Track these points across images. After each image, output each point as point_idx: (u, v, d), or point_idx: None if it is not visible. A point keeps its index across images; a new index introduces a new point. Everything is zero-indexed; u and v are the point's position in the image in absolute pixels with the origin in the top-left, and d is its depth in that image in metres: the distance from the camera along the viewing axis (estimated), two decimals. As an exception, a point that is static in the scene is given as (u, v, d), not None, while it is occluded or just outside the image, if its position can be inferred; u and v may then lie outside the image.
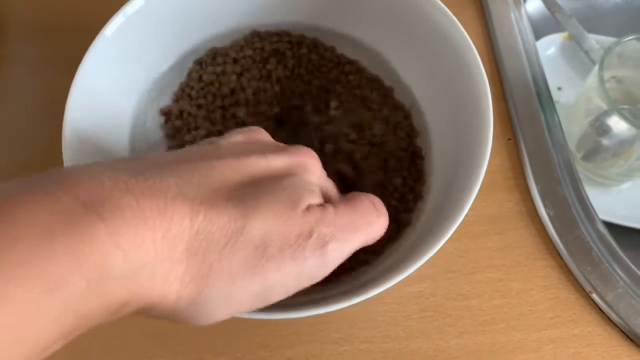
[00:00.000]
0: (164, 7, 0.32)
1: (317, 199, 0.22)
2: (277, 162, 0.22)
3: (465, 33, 0.31)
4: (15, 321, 0.15)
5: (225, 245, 0.19)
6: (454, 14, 0.32)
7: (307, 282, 0.21)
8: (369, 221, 0.23)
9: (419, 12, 0.33)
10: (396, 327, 0.34)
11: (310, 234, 0.20)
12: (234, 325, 0.35)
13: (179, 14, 0.33)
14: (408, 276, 0.36)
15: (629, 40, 0.43)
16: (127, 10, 0.30)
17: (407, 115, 0.35)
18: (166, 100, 0.35)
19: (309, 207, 0.21)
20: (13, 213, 0.15)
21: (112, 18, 0.30)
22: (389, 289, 0.35)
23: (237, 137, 0.24)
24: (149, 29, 0.32)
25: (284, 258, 0.20)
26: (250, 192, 0.20)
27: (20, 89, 0.43)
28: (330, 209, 0.22)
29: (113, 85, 0.31)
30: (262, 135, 0.25)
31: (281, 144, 0.25)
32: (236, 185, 0.20)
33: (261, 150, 0.22)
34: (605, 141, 0.45)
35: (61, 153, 0.29)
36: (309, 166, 0.23)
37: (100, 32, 0.30)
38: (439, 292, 0.35)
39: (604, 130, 0.45)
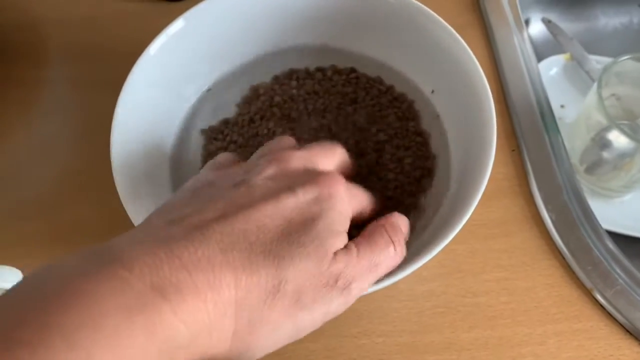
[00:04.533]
0: (203, 29, 0.36)
1: (342, 241, 0.25)
2: (307, 196, 0.25)
3: (472, 54, 0.35)
4: None
5: (264, 302, 0.22)
6: (462, 37, 0.36)
7: (331, 317, 0.24)
8: (386, 256, 0.26)
9: (433, 37, 0.37)
10: (410, 322, 0.37)
11: (336, 281, 0.24)
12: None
13: (217, 36, 0.37)
14: (420, 275, 0.39)
15: (624, 60, 0.46)
16: (169, 31, 0.34)
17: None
18: (208, 119, 0.39)
19: (335, 254, 0.24)
20: (96, 294, 0.19)
21: (156, 38, 0.34)
22: (403, 288, 0.38)
23: (267, 170, 0.26)
24: (189, 49, 0.36)
25: (314, 304, 0.23)
26: (286, 247, 0.23)
27: (62, 108, 0.47)
28: (353, 252, 0.25)
29: (155, 101, 0.35)
30: (290, 162, 0.26)
31: (310, 167, 0.26)
32: (272, 234, 0.23)
33: (291, 184, 0.25)
34: (606, 155, 0.48)
35: (103, 164, 0.33)
36: (335, 194, 0.25)
37: (145, 50, 0.34)
38: (450, 290, 0.38)
39: (605, 145, 0.48)
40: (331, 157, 0.28)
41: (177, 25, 0.35)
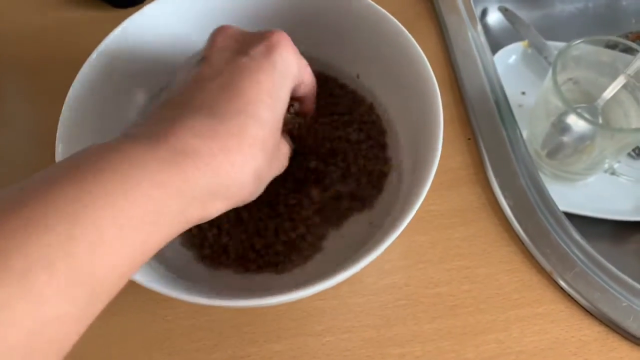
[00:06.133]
0: (146, 33, 0.36)
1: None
2: (259, 51, 0.28)
3: (416, 43, 0.35)
4: (156, 217, 0.22)
5: (261, 155, 0.26)
6: (412, 30, 0.36)
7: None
8: None
9: (381, 32, 0.37)
10: (374, 316, 0.37)
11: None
12: (224, 325, 0.37)
13: (160, 38, 0.37)
14: (383, 269, 0.39)
15: (577, 44, 0.47)
16: (108, 40, 0.34)
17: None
18: None
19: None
20: (138, 156, 0.23)
21: (98, 46, 0.34)
22: (366, 282, 0.38)
23: (216, 43, 0.29)
24: (131, 54, 0.36)
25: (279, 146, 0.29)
26: (261, 106, 0.27)
27: (15, 120, 0.47)
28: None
29: (101, 102, 0.35)
30: (231, 30, 0.30)
31: (255, 32, 0.30)
32: (245, 95, 0.27)
33: (243, 47, 0.29)
34: (566, 139, 0.48)
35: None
36: (283, 44, 0.29)
37: (88, 58, 0.33)
38: (412, 281, 0.38)
39: (564, 129, 0.48)
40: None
41: (118, 32, 0.34)
